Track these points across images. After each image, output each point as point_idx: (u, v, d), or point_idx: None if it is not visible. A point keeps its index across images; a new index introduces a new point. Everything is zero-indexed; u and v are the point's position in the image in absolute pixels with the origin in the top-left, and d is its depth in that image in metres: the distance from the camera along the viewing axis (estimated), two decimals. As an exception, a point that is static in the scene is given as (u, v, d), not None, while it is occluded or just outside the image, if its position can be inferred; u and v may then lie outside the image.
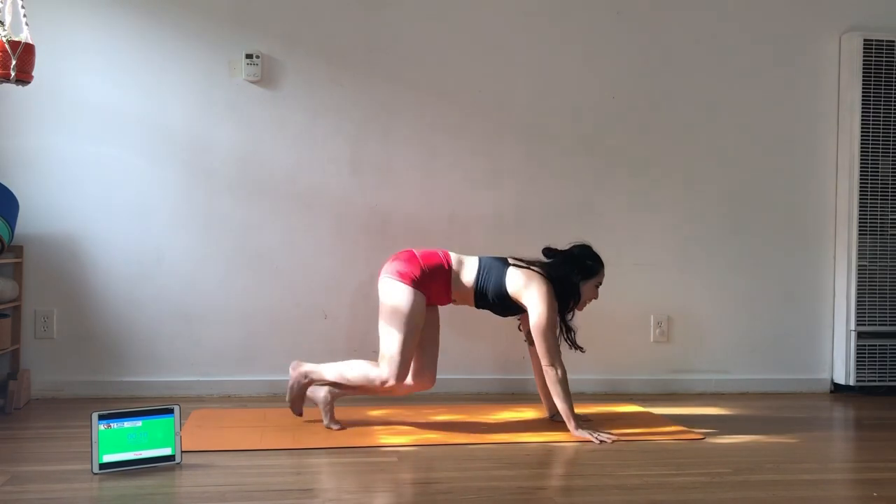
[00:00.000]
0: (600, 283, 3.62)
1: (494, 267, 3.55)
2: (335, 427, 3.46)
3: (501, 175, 4.35)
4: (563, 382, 3.42)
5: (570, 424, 3.43)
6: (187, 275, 4.15)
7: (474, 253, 3.62)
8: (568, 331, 3.59)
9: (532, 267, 3.54)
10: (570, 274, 3.53)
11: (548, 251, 3.63)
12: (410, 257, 3.52)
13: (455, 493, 2.72)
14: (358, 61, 4.25)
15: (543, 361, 3.44)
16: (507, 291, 3.49)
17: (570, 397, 3.45)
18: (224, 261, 4.18)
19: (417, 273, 3.47)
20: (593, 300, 3.63)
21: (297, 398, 3.56)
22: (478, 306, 3.59)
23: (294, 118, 4.22)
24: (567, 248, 3.62)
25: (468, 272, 3.55)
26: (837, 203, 4.53)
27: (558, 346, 3.47)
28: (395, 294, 3.45)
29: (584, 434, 3.38)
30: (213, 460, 2.99)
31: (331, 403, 3.50)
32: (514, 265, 3.54)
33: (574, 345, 3.59)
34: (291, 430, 3.44)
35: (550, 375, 3.42)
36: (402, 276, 3.46)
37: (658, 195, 4.46)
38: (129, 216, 4.11)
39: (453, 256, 3.58)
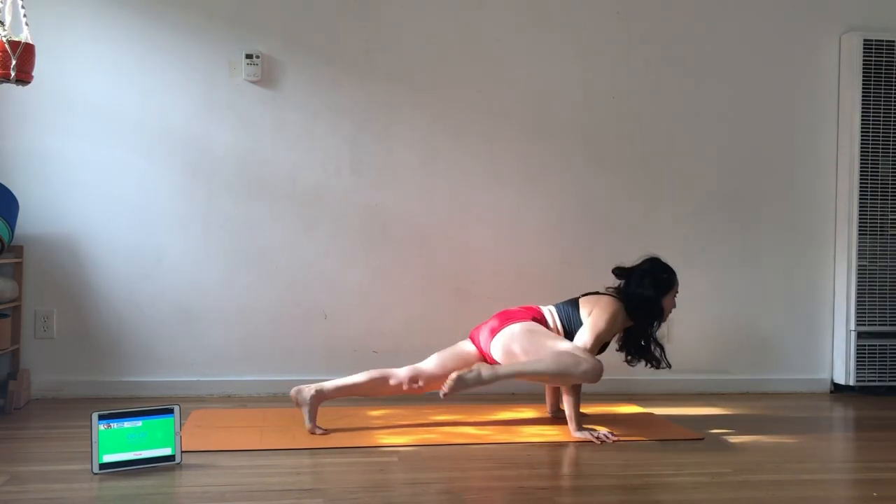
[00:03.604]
0: (678, 292, 3.62)
1: (570, 305, 3.61)
2: (319, 432, 3.37)
3: (501, 175, 4.35)
4: (578, 386, 3.43)
5: (572, 425, 3.43)
6: (187, 275, 4.15)
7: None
8: (657, 346, 3.60)
9: (603, 292, 3.60)
10: (650, 293, 3.53)
11: (618, 271, 3.61)
12: (517, 310, 3.57)
13: (455, 493, 2.72)
14: (358, 61, 4.25)
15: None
16: (582, 321, 3.52)
17: (579, 402, 3.44)
18: (224, 261, 4.18)
19: (529, 317, 3.52)
20: (674, 309, 3.64)
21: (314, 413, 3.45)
22: None
23: (294, 118, 4.22)
24: (637, 263, 3.61)
25: (554, 322, 3.58)
26: (837, 203, 4.53)
27: (592, 356, 3.45)
28: (516, 330, 3.47)
29: (584, 435, 3.38)
30: (213, 460, 2.99)
31: (315, 406, 3.43)
32: (584, 296, 3.61)
33: (664, 361, 3.62)
34: (291, 430, 3.43)
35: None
36: (520, 317, 3.52)
37: (658, 195, 4.46)
38: (129, 216, 4.11)
39: (544, 311, 3.61)
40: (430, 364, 3.58)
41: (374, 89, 4.26)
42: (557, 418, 3.70)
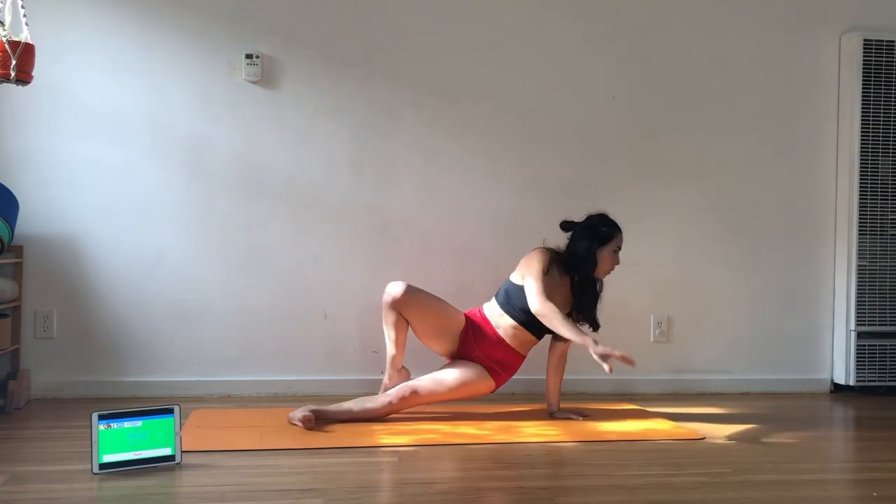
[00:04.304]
0: (618, 249, 3.69)
1: (505, 283, 3.74)
2: (312, 420, 3.40)
3: (501, 175, 4.35)
4: (559, 315, 3.49)
5: (590, 344, 3.42)
6: (187, 275, 4.15)
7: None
8: (593, 297, 3.68)
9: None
10: (587, 243, 3.62)
11: (565, 224, 3.72)
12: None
13: (455, 493, 2.72)
14: (358, 61, 4.25)
15: (533, 307, 3.51)
16: (517, 284, 3.61)
17: (571, 323, 3.50)
18: (224, 261, 4.18)
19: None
20: (616, 265, 3.71)
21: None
22: (538, 335, 3.69)
23: (294, 118, 4.22)
24: (583, 218, 3.72)
25: (493, 312, 3.70)
26: (837, 203, 4.53)
27: (544, 292, 3.52)
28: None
29: (604, 350, 3.39)
30: (213, 460, 2.99)
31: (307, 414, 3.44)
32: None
33: (593, 321, 3.69)
34: (291, 430, 3.43)
35: (546, 316, 3.49)
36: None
37: (658, 195, 4.46)
38: (129, 216, 4.11)
39: (486, 312, 3.73)
40: (421, 378, 3.68)
41: (374, 89, 4.26)
42: (556, 419, 3.70)
